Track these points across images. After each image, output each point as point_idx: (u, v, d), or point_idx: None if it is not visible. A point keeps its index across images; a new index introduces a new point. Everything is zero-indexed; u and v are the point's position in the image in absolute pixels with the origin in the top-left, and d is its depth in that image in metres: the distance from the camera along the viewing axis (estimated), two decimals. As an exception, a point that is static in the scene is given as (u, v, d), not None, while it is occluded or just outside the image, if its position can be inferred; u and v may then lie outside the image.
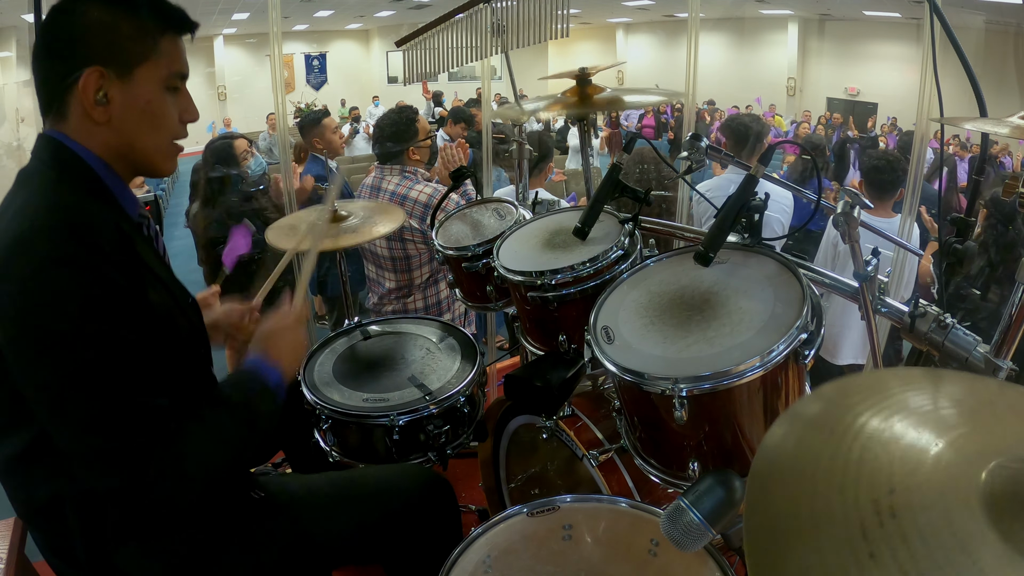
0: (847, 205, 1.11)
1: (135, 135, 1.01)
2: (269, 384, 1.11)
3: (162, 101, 1.02)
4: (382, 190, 2.62)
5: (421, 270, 2.63)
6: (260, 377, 1.11)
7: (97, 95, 0.96)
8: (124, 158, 1.02)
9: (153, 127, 1.02)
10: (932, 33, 1.78)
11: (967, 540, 0.47)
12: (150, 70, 0.99)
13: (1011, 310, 1.01)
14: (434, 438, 1.64)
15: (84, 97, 0.95)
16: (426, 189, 2.57)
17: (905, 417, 0.59)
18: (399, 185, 2.59)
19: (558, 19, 1.82)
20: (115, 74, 0.96)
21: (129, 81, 0.98)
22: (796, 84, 14.55)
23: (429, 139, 2.74)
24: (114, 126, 0.99)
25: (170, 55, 1.01)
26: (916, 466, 0.53)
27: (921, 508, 0.49)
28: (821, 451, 0.57)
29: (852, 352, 2.81)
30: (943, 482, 0.52)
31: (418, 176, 2.65)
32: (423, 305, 2.67)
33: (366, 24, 16.40)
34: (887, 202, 2.84)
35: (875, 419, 0.59)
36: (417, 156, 2.69)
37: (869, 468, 0.54)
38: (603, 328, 1.15)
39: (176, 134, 1.07)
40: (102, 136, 0.99)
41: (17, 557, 1.24)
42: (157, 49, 0.99)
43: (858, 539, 0.49)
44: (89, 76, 0.94)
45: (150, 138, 1.03)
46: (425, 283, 2.66)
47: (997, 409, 0.62)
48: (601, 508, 1.15)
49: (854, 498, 0.52)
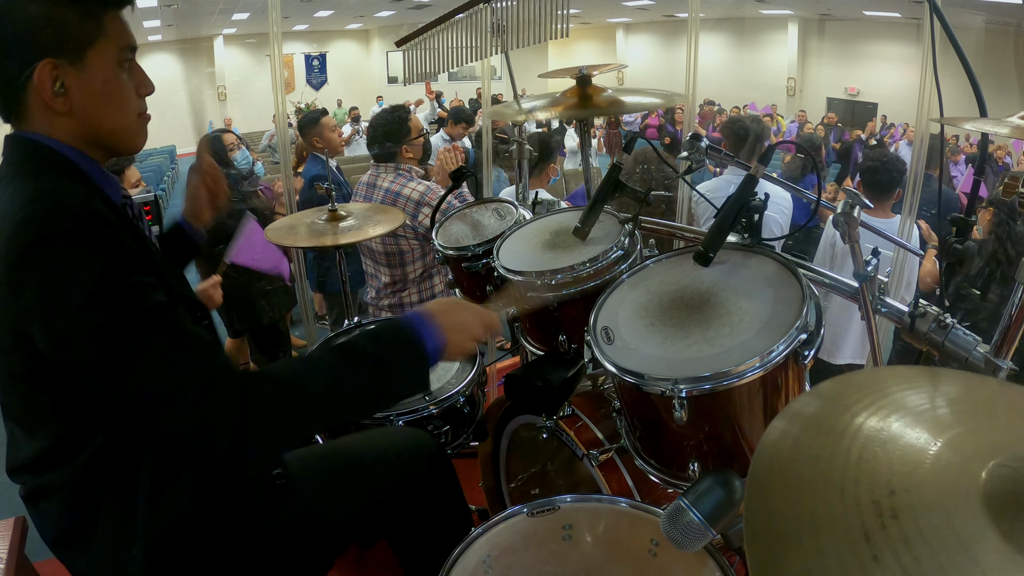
0: (847, 205, 1.11)
1: (99, 118, 1.01)
2: (419, 338, 1.02)
3: (118, 79, 1.01)
4: (377, 187, 2.67)
5: (415, 265, 2.67)
6: (409, 329, 1.03)
7: (55, 86, 0.95)
8: (94, 142, 1.02)
9: (115, 106, 1.02)
10: (932, 33, 1.78)
11: (969, 541, 0.47)
12: (101, 51, 0.98)
13: (1011, 310, 1.01)
14: (434, 438, 1.64)
15: (42, 91, 0.95)
16: (419, 187, 2.61)
17: (903, 416, 0.59)
18: (393, 183, 2.64)
19: (558, 19, 1.82)
20: (68, 62, 0.95)
21: (83, 66, 0.97)
22: (796, 84, 14.55)
23: (421, 137, 2.79)
24: (77, 114, 0.98)
25: (116, 31, 1.00)
26: (915, 466, 0.53)
27: (922, 509, 0.49)
28: (820, 452, 0.57)
29: (852, 352, 2.81)
30: (943, 482, 0.51)
31: (412, 174, 2.69)
32: (418, 299, 2.72)
33: (366, 24, 16.40)
34: (885, 203, 2.83)
35: (873, 419, 0.59)
36: (411, 154, 2.74)
37: (868, 468, 0.54)
38: (603, 329, 1.15)
39: (138, 108, 1.06)
40: (67, 126, 0.99)
41: (17, 557, 1.24)
42: (103, 28, 0.98)
43: (860, 542, 0.48)
44: (43, 69, 0.94)
45: (114, 118, 1.02)
46: (419, 278, 2.70)
47: (996, 408, 0.62)
48: (601, 508, 1.15)
49: (855, 500, 0.51)
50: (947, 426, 0.57)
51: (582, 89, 1.62)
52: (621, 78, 14.07)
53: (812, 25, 14.24)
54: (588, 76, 1.63)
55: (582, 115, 1.75)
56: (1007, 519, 0.47)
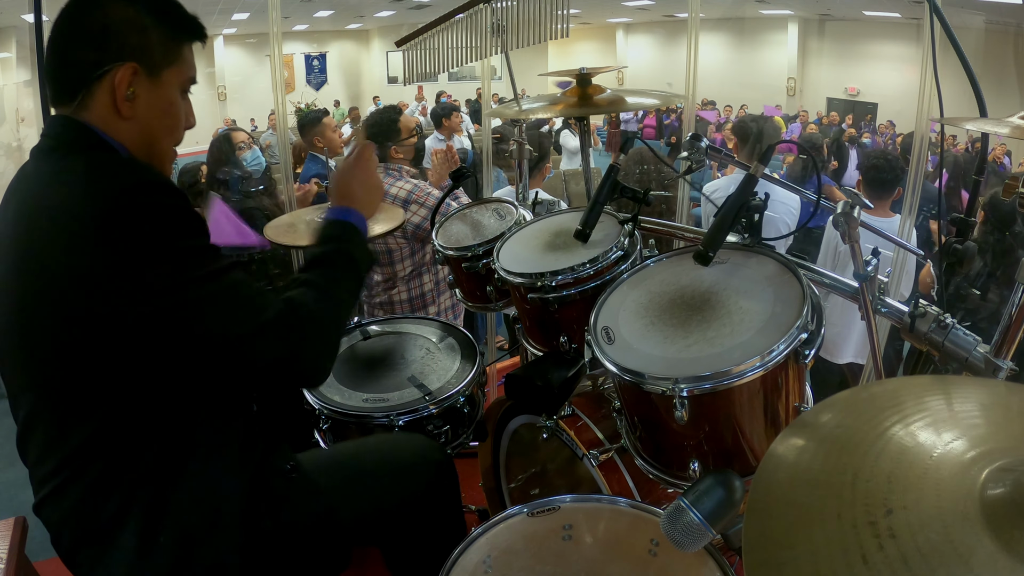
0: (847, 205, 1.11)
1: (155, 134, 1.05)
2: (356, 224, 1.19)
3: (178, 105, 1.07)
4: None
5: (403, 263, 2.69)
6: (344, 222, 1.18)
7: (128, 91, 0.98)
8: (141, 155, 1.04)
9: (170, 129, 1.07)
10: (932, 33, 1.78)
11: (967, 553, 0.46)
12: (174, 74, 1.04)
13: (1011, 310, 1.01)
14: (434, 438, 1.64)
15: (118, 90, 0.98)
16: (406, 185, 2.63)
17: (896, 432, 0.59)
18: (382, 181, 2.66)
19: (558, 19, 1.82)
20: (146, 73, 1.00)
21: (157, 82, 1.02)
22: (796, 84, 14.53)
23: (413, 138, 2.82)
24: (137, 123, 1.01)
25: (188, 61, 1.06)
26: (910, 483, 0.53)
27: (920, 526, 0.49)
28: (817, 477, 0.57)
29: (852, 352, 2.81)
30: (939, 496, 0.51)
31: (402, 173, 2.71)
32: (407, 296, 2.74)
33: (366, 24, 16.38)
34: (885, 201, 2.84)
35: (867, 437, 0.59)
36: (400, 154, 2.77)
37: (864, 489, 0.53)
38: (603, 328, 1.15)
39: (179, 139, 1.10)
40: (125, 130, 1.01)
41: (17, 557, 1.24)
42: (180, 54, 1.05)
43: (859, 566, 0.48)
44: (125, 70, 0.98)
45: (166, 139, 1.07)
46: (408, 276, 2.72)
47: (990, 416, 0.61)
48: (601, 508, 1.15)
49: (851, 522, 0.51)
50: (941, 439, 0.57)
51: (582, 89, 1.62)
52: (621, 78, 14.07)
53: (812, 25, 14.22)
54: (588, 76, 1.63)
55: (582, 114, 1.75)
56: (1006, 528, 0.47)
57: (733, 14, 13.39)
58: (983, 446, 0.55)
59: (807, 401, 1.12)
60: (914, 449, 0.56)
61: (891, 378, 0.69)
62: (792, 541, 0.53)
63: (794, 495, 0.57)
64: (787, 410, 1.07)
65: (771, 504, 0.58)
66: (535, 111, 1.74)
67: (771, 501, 0.58)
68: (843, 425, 0.63)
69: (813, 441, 0.62)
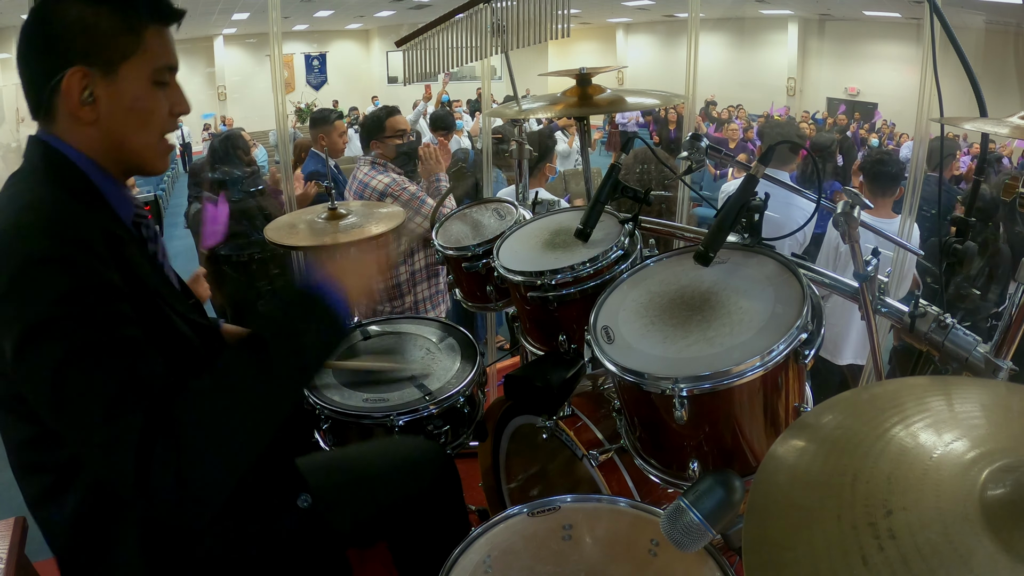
0: (847, 205, 1.11)
1: (124, 134, 0.99)
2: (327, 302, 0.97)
3: (150, 97, 0.99)
4: (356, 179, 2.76)
5: None
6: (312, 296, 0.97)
7: (83, 95, 0.94)
8: (114, 158, 1.01)
9: (141, 125, 1.00)
10: (932, 33, 1.78)
11: (967, 554, 0.46)
12: (135, 66, 0.96)
13: (1011, 310, 1.01)
14: (434, 438, 1.64)
15: (68, 98, 0.93)
16: (384, 179, 2.65)
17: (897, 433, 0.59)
18: (366, 175, 2.72)
19: (558, 19, 1.82)
20: (99, 72, 0.94)
21: (114, 79, 0.95)
22: (796, 84, 14.54)
23: (396, 138, 2.82)
24: (102, 125, 0.97)
25: (156, 48, 0.98)
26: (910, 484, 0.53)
27: (920, 527, 0.49)
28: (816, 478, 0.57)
29: (852, 352, 2.81)
30: (939, 497, 0.51)
31: (387, 168, 2.74)
32: (381, 287, 2.73)
33: (366, 24, 16.38)
34: (888, 199, 2.84)
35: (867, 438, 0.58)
36: (379, 151, 2.79)
37: (864, 490, 0.53)
38: (603, 328, 1.14)
39: (166, 129, 1.04)
40: (90, 136, 0.97)
41: (17, 557, 1.23)
42: (142, 44, 0.96)
43: (859, 566, 0.48)
44: (72, 76, 0.92)
45: (139, 136, 1.00)
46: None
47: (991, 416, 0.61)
48: (601, 508, 1.15)
49: (851, 523, 0.51)
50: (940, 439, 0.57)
51: (582, 89, 1.62)
52: (621, 78, 14.07)
53: (812, 25, 14.22)
54: (588, 76, 1.63)
55: (582, 114, 1.75)
56: (1006, 528, 0.47)
57: (733, 14, 13.39)
58: (983, 446, 0.55)
59: (807, 401, 1.12)
60: (914, 450, 0.56)
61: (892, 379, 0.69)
62: (792, 542, 0.53)
63: (794, 496, 0.57)
64: (787, 410, 1.07)
65: (771, 505, 0.58)
66: (535, 111, 1.74)
67: (771, 502, 0.58)
68: (843, 426, 0.63)
69: (813, 442, 0.62)
